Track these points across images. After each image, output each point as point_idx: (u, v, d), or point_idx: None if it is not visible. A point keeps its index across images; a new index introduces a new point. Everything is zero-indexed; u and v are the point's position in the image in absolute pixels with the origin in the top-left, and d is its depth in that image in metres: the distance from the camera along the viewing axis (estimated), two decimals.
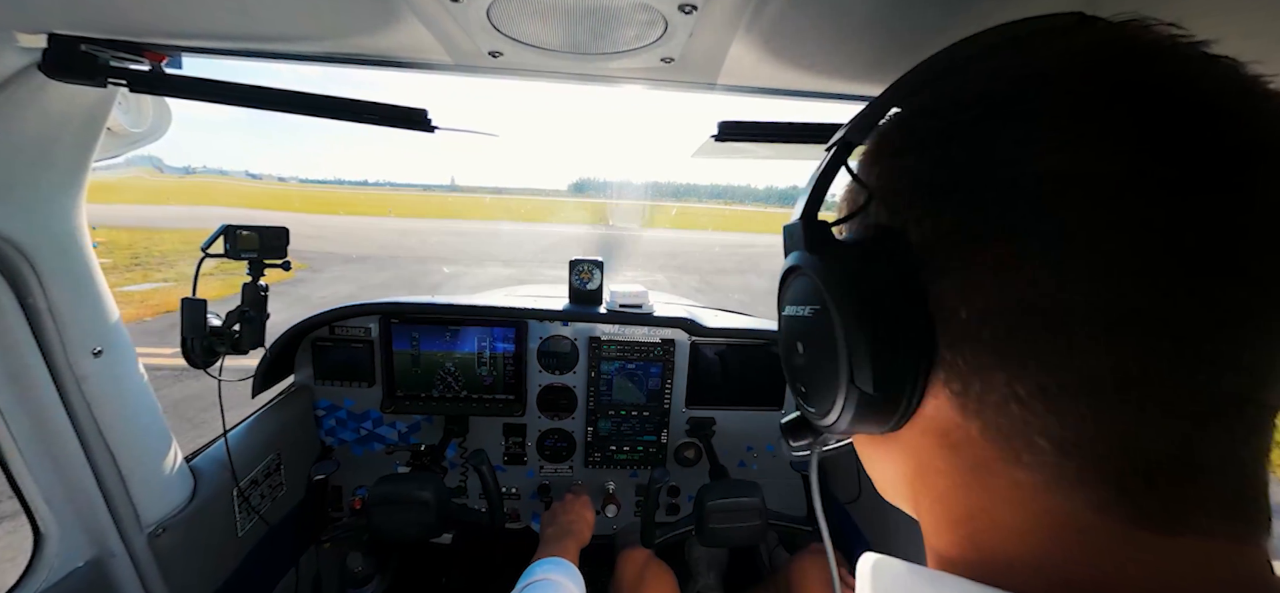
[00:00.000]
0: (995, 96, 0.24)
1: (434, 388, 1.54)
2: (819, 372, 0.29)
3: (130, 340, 0.96)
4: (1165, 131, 0.21)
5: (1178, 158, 0.20)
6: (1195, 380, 0.20)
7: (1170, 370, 0.20)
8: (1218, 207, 0.20)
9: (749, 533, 1.27)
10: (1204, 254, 0.20)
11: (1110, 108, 0.21)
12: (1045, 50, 0.25)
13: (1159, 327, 0.20)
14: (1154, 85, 0.22)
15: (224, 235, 1.02)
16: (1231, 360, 0.20)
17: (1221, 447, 0.21)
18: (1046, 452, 0.23)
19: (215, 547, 1.16)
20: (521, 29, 0.62)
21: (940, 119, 0.26)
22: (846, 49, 0.67)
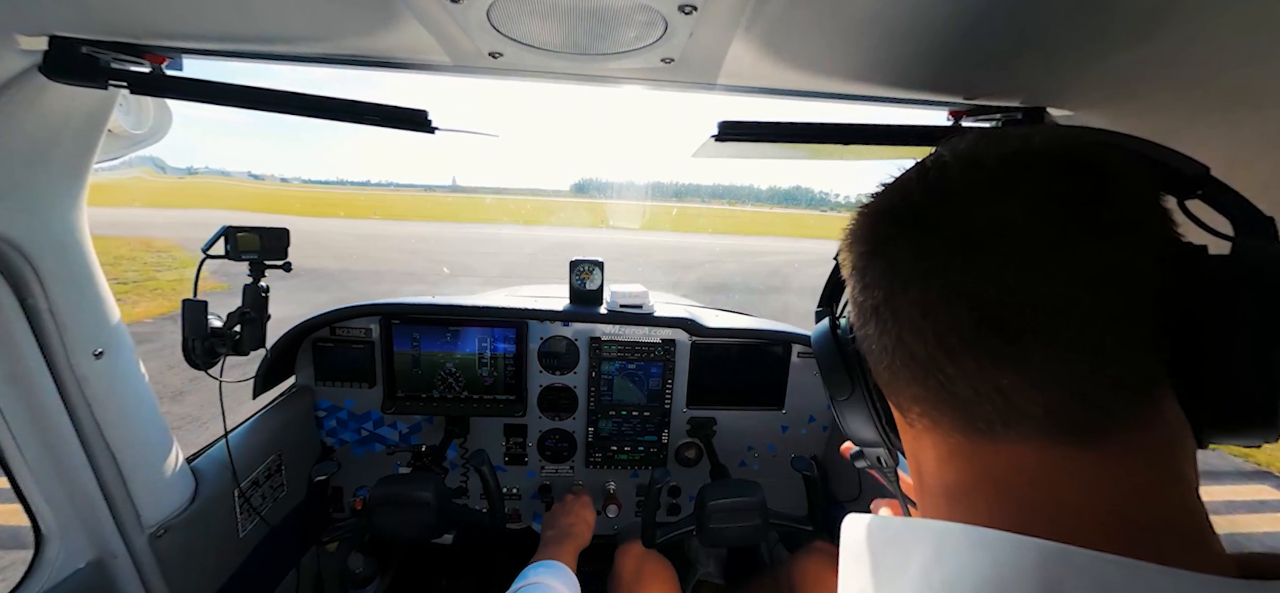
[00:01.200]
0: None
1: (435, 389, 1.54)
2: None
3: (131, 342, 0.97)
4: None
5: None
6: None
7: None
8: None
9: (750, 532, 1.27)
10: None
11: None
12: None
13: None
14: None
15: (224, 237, 1.02)
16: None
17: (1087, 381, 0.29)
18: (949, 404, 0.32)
19: (217, 548, 1.16)
20: (522, 30, 0.62)
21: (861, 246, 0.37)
22: (844, 49, 0.67)
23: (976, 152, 0.31)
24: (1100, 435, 0.28)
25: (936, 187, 0.32)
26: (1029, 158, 0.29)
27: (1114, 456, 0.28)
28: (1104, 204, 0.27)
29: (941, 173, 0.32)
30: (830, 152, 0.95)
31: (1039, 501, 0.29)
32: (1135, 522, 0.27)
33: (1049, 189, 0.28)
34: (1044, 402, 0.28)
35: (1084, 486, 0.28)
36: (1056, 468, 0.29)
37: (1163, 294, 0.27)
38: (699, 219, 48.85)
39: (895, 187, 0.35)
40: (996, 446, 0.30)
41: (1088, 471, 0.28)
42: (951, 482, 0.33)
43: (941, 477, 0.34)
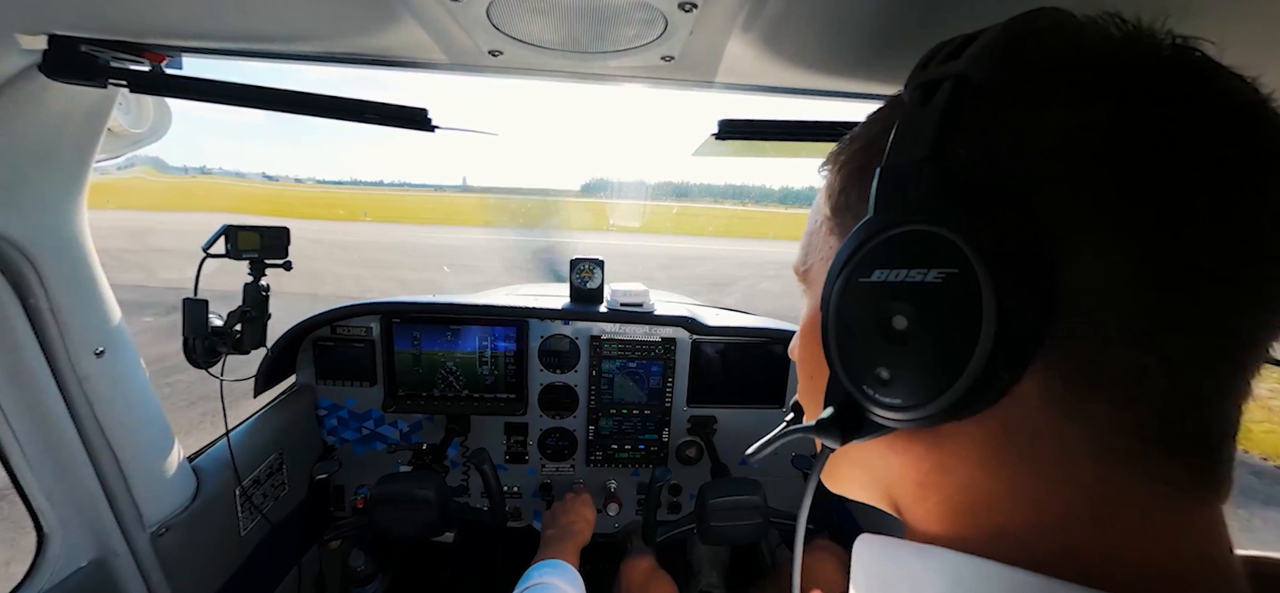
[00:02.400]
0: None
1: (435, 387, 1.54)
2: (929, 350, 0.25)
3: (132, 341, 0.97)
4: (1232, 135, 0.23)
5: (1241, 156, 0.22)
6: (1255, 357, 0.24)
7: (1248, 345, 0.23)
8: (1239, 193, 0.22)
9: (750, 531, 1.27)
10: (1250, 248, 0.22)
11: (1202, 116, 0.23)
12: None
13: (1253, 302, 0.23)
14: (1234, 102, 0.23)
15: (224, 236, 1.02)
16: (1245, 344, 0.23)
17: (1230, 422, 0.24)
18: (1132, 430, 0.23)
19: (218, 546, 1.17)
20: (521, 28, 0.62)
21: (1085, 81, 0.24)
22: (846, 46, 0.67)
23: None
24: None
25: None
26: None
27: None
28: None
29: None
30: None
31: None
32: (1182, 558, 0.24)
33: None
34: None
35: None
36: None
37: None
38: (690, 220, 47.08)
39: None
40: (1202, 508, 0.25)
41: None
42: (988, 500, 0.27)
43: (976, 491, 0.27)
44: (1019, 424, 0.25)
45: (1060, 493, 0.25)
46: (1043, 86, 0.24)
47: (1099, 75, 0.24)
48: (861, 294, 0.28)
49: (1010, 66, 0.25)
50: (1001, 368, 0.23)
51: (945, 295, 0.24)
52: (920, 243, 0.25)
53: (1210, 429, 0.24)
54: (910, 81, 0.29)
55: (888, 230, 0.27)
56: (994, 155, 0.25)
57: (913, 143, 0.27)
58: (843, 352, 0.30)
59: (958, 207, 0.24)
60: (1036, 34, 0.26)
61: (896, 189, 0.27)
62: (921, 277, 0.25)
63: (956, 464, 0.28)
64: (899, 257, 0.26)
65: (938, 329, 0.25)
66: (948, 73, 0.26)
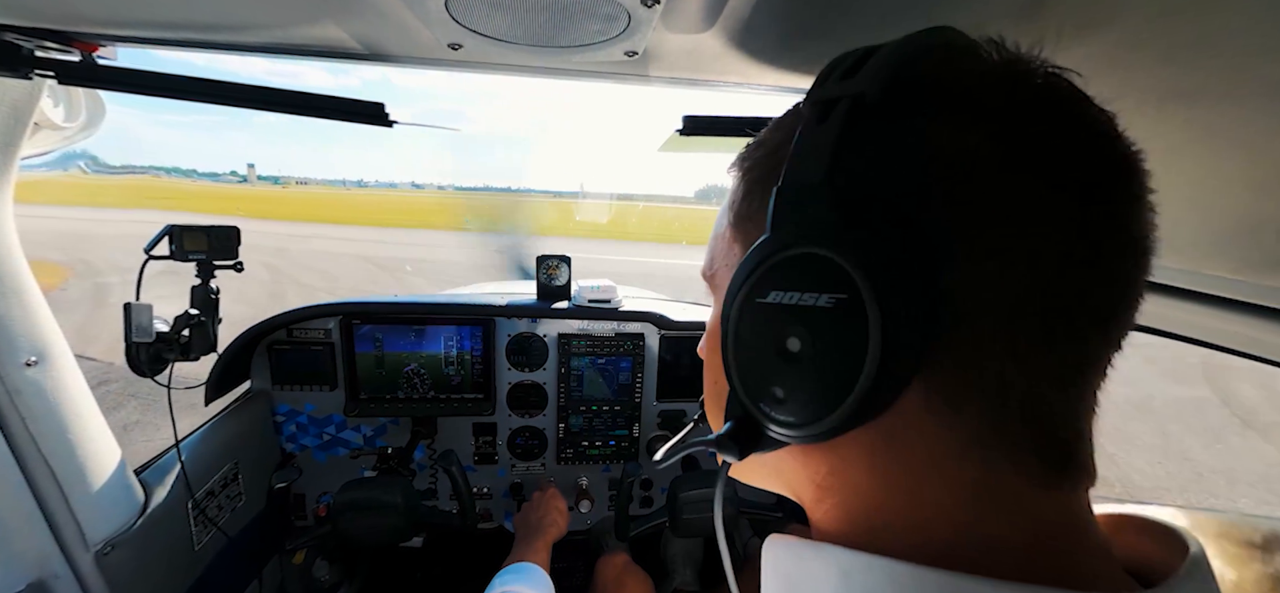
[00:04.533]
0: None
1: (400, 389, 1.51)
2: (820, 371, 0.26)
3: (68, 349, 0.91)
4: (1075, 148, 0.25)
5: (1082, 170, 0.25)
6: (1098, 364, 0.27)
7: (1092, 356, 0.26)
8: (1097, 216, 0.24)
9: (722, 522, 1.29)
10: (1100, 251, 0.25)
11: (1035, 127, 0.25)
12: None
13: (1095, 317, 0.25)
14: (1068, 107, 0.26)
15: (169, 236, 0.97)
16: (1112, 344, 0.27)
17: (1085, 414, 0.27)
18: (1001, 435, 0.25)
19: (170, 562, 1.11)
20: (481, 21, 0.61)
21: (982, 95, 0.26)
22: (810, 43, 0.68)
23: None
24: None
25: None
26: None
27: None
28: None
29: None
30: None
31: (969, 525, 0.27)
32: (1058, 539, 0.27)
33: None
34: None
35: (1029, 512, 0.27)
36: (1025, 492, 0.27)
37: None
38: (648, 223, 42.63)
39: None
40: (1059, 494, 0.27)
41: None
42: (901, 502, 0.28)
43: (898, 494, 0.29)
44: (902, 431, 0.27)
45: (939, 491, 0.27)
46: (928, 107, 0.26)
47: (979, 99, 0.26)
48: (758, 314, 0.28)
49: (902, 86, 0.26)
50: (885, 386, 0.24)
51: (836, 319, 0.25)
52: (813, 266, 0.26)
53: (1065, 433, 0.26)
54: (809, 96, 0.29)
55: (782, 252, 0.27)
56: (883, 175, 0.26)
57: (807, 163, 0.27)
58: (741, 369, 0.30)
59: (848, 231, 0.25)
60: (928, 52, 0.27)
61: (792, 210, 0.27)
62: (814, 301, 0.26)
63: (847, 469, 0.30)
64: (793, 279, 0.27)
65: (829, 352, 0.26)
66: (845, 91, 0.27)
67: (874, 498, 0.29)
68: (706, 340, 0.40)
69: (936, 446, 0.26)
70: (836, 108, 0.27)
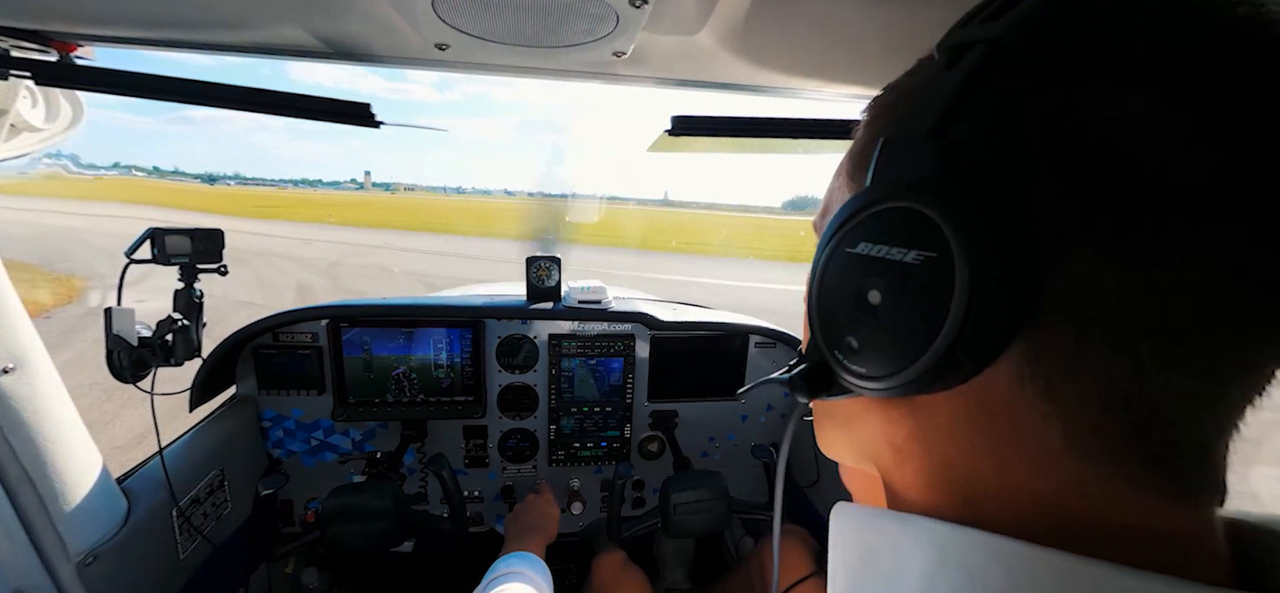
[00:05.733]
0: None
1: (389, 393, 1.49)
2: (896, 327, 0.25)
3: (46, 354, 0.89)
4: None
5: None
6: (1245, 377, 0.22)
7: (1241, 366, 0.22)
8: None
9: (713, 521, 1.29)
10: (1257, 286, 0.20)
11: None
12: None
13: (1243, 319, 0.20)
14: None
15: (150, 239, 0.96)
16: (1246, 350, 0.22)
17: (1218, 427, 0.23)
18: (1101, 432, 0.23)
19: (154, 572, 1.09)
20: (468, 21, 0.60)
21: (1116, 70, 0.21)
22: (800, 43, 0.68)
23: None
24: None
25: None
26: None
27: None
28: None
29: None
30: (791, 146, 0.97)
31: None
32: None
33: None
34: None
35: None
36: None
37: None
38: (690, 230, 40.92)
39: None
40: (1180, 509, 0.24)
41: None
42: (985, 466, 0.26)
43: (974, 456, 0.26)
44: (993, 406, 0.25)
45: (1033, 480, 0.25)
46: (1083, 65, 0.21)
47: (1151, 53, 0.20)
48: (845, 264, 0.28)
49: (1055, 35, 0.22)
50: (968, 354, 0.23)
51: (921, 277, 0.24)
52: (906, 221, 0.24)
53: (1184, 442, 0.23)
54: (943, 40, 0.26)
55: (877, 204, 0.26)
56: (1002, 136, 0.23)
57: (923, 112, 0.25)
58: (821, 315, 0.30)
59: (948, 187, 0.23)
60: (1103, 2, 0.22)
61: (894, 161, 0.26)
62: (901, 256, 0.25)
63: (932, 434, 0.28)
64: (884, 233, 0.26)
65: (908, 310, 0.24)
66: (982, 35, 0.24)
67: (963, 467, 0.27)
68: (807, 285, 0.40)
69: (1027, 428, 0.24)
70: (969, 54, 0.24)
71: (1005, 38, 0.23)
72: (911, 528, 0.27)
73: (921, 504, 0.29)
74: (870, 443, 0.33)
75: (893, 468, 0.31)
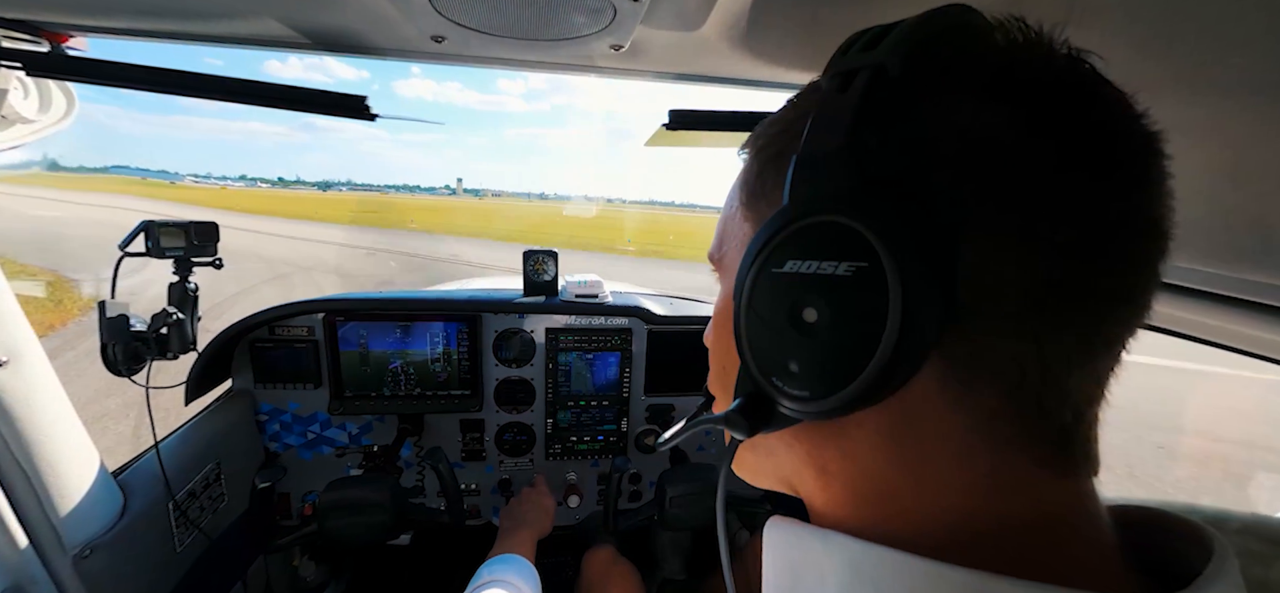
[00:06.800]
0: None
1: (385, 386, 1.49)
2: (837, 343, 0.26)
3: (40, 348, 0.89)
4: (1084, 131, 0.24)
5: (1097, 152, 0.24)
6: (1109, 348, 0.26)
7: (1105, 339, 0.26)
8: (1116, 198, 0.24)
9: (709, 514, 1.30)
10: (1118, 233, 0.24)
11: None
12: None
13: (1109, 299, 0.25)
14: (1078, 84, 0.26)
15: (144, 233, 0.95)
16: (1125, 328, 0.26)
17: (1097, 403, 0.27)
18: (1013, 416, 0.25)
19: (151, 565, 1.09)
20: (465, 13, 0.60)
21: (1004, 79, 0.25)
22: (802, 40, 0.68)
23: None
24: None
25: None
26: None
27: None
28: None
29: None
30: None
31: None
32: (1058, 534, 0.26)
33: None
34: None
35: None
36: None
37: None
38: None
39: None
40: (1068, 481, 0.27)
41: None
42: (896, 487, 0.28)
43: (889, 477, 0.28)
44: (915, 412, 0.26)
45: (950, 474, 0.26)
46: (952, 83, 0.25)
47: (1001, 77, 0.25)
48: (773, 285, 0.28)
49: (924, 60, 0.26)
50: (902, 360, 0.24)
51: (854, 288, 0.25)
52: (832, 235, 0.25)
53: (1069, 417, 0.26)
54: (829, 68, 0.28)
55: (801, 220, 0.27)
56: (905, 147, 0.25)
57: (828, 131, 0.26)
58: (753, 343, 0.29)
59: (870, 199, 0.25)
60: (950, 30, 0.26)
61: (810, 178, 0.27)
62: (832, 269, 0.25)
63: (858, 451, 0.29)
64: (811, 249, 0.26)
65: (846, 322, 0.25)
66: (866, 62, 0.26)
67: (882, 481, 0.28)
68: (714, 322, 0.39)
69: (949, 427, 0.26)
70: (858, 78, 0.26)
71: (888, 62, 0.25)
72: (830, 545, 0.29)
73: (844, 518, 0.30)
74: (794, 469, 0.34)
75: (817, 491, 0.32)
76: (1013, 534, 0.26)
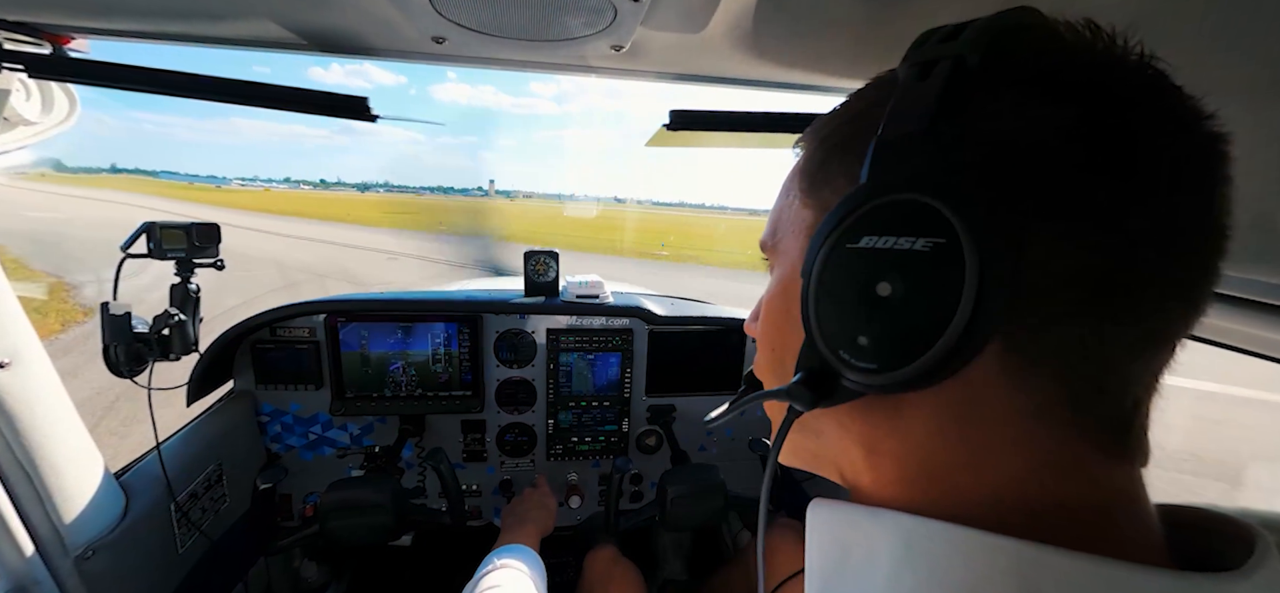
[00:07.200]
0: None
1: (387, 387, 1.49)
2: (910, 316, 0.26)
3: (42, 349, 0.89)
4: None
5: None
6: (1169, 340, 0.27)
7: (1164, 332, 0.27)
8: (1180, 200, 0.25)
9: (711, 515, 1.30)
10: (1182, 233, 0.25)
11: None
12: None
13: (1168, 293, 0.26)
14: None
15: (146, 234, 0.95)
16: (1181, 321, 0.27)
17: (1150, 393, 0.28)
18: (1071, 403, 0.26)
19: (153, 566, 1.09)
20: (466, 14, 0.60)
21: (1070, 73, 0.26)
22: (798, 40, 0.68)
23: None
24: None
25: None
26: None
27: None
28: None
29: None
30: (787, 141, 0.97)
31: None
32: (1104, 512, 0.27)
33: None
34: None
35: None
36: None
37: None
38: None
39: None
40: (1123, 468, 0.28)
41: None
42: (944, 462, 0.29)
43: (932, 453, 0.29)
44: (976, 394, 0.27)
45: (1007, 456, 0.27)
46: (1027, 79, 0.26)
47: (1075, 76, 0.26)
48: (846, 261, 0.29)
49: (1001, 55, 0.27)
50: (971, 338, 0.25)
51: (930, 264, 0.25)
52: (912, 212, 0.26)
53: (1128, 405, 0.27)
54: (906, 60, 0.30)
55: (880, 198, 0.28)
56: (981, 136, 0.26)
57: (910, 116, 0.27)
58: (821, 316, 0.30)
59: (950, 180, 0.26)
60: (1023, 29, 0.27)
61: (891, 159, 0.28)
62: (910, 244, 0.26)
63: (912, 430, 0.29)
64: (889, 225, 0.27)
65: (920, 297, 0.26)
66: (946, 52, 0.27)
67: (935, 461, 0.29)
68: (766, 308, 0.39)
69: (1008, 410, 0.26)
70: (938, 67, 0.27)
71: (967, 54, 0.27)
72: (882, 521, 0.29)
73: (894, 500, 0.30)
74: (841, 448, 0.34)
75: (865, 471, 0.33)
76: (1068, 514, 0.26)
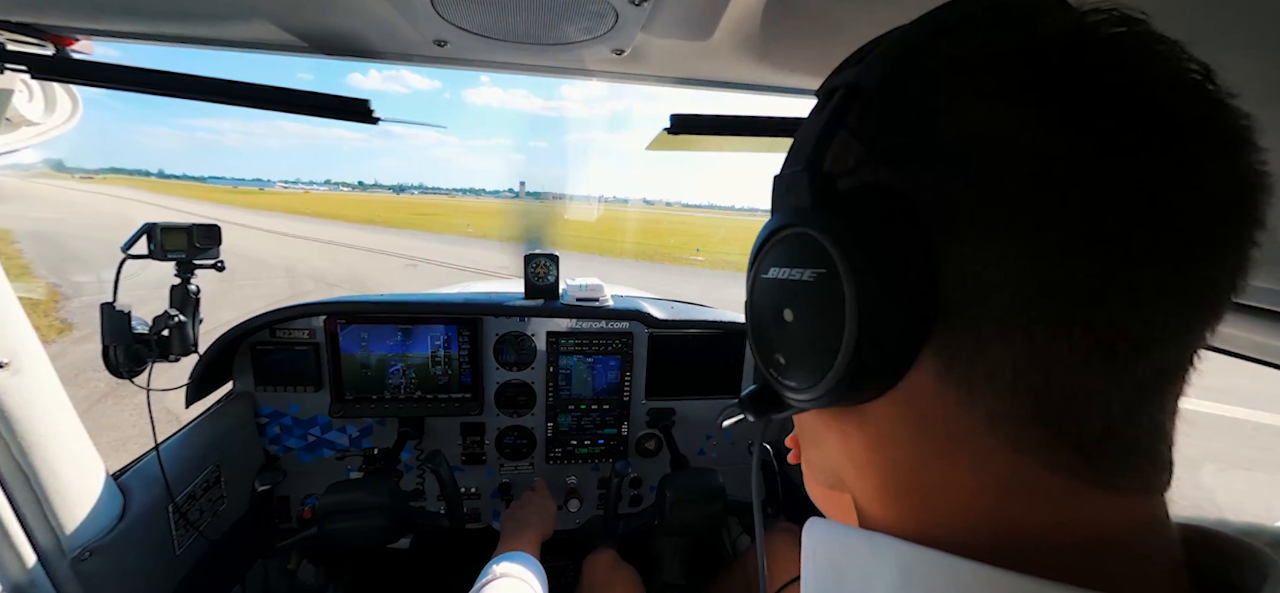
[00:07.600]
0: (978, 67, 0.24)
1: (386, 389, 1.49)
2: (809, 340, 0.28)
3: (42, 350, 0.89)
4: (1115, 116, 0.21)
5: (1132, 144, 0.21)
6: (1148, 353, 0.23)
7: (1134, 343, 0.22)
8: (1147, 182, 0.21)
9: (710, 519, 1.30)
10: (1156, 235, 0.21)
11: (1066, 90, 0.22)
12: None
13: (1131, 300, 0.22)
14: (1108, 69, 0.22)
15: (147, 234, 0.95)
16: (1169, 331, 0.23)
17: (1150, 411, 0.24)
18: (1020, 420, 0.24)
19: (150, 568, 1.09)
20: (467, 17, 0.60)
21: (982, 77, 0.24)
22: (801, 45, 0.68)
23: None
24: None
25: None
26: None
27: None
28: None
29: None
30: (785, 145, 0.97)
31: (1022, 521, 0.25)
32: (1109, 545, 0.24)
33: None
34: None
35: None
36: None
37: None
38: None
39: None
40: (1110, 494, 0.25)
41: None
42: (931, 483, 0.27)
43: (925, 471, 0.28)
44: (923, 407, 0.26)
45: (972, 478, 0.26)
46: (936, 82, 0.24)
47: (998, 66, 0.23)
48: (763, 288, 0.32)
49: (907, 66, 0.26)
50: (881, 357, 0.25)
51: (817, 292, 0.27)
52: (799, 244, 0.28)
53: (1103, 425, 0.23)
54: (819, 89, 0.31)
55: (777, 232, 0.30)
56: (872, 157, 0.26)
57: (799, 149, 0.29)
58: (754, 337, 0.33)
59: (822, 209, 0.27)
60: (948, 25, 0.25)
61: (785, 194, 0.30)
62: (800, 275, 0.28)
63: (883, 443, 0.29)
64: (785, 257, 0.29)
65: (813, 323, 0.28)
66: (842, 81, 0.28)
67: (913, 477, 0.28)
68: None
69: (962, 427, 0.25)
70: (834, 97, 0.28)
71: (861, 79, 0.27)
72: (877, 547, 0.28)
73: (885, 519, 0.30)
74: (834, 462, 0.34)
75: (857, 485, 0.32)
76: (1054, 540, 0.24)
